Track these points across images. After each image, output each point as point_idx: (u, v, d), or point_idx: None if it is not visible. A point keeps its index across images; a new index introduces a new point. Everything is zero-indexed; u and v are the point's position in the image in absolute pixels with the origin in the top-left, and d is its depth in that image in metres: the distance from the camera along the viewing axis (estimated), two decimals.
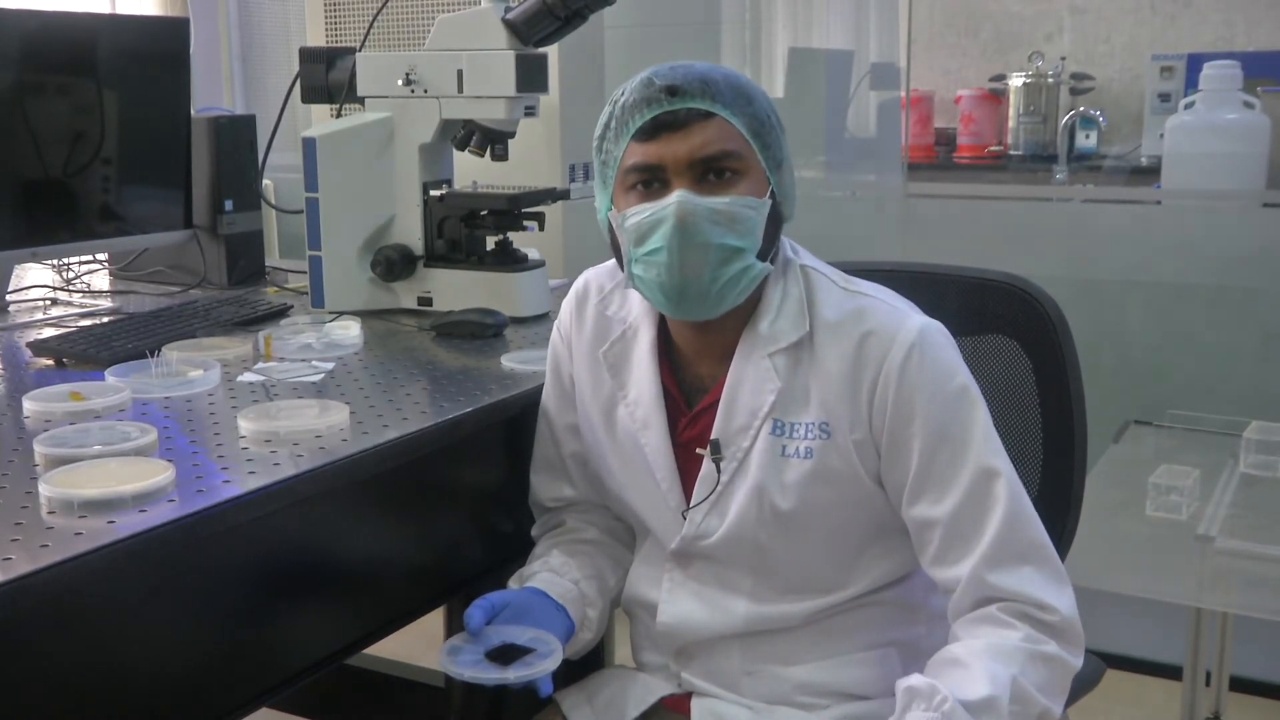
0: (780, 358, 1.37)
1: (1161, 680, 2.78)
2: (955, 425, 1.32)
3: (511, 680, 1.30)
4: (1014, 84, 4.29)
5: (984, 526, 1.30)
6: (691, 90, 1.32)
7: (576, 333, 1.53)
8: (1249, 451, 2.11)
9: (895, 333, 1.33)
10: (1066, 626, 1.29)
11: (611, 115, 1.37)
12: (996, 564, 1.29)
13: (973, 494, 1.31)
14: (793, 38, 3.41)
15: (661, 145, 1.32)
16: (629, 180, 1.35)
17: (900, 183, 3.24)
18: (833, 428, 1.35)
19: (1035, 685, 1.24)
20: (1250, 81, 3.28)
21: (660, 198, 1.33)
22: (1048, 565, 1.31)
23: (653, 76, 1.34)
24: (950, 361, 1.35)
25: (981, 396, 1.35)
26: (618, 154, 1.36)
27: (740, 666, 1.43)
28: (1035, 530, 1.32)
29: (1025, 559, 1.30)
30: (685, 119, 1.31)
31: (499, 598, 1.41)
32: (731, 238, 1.32)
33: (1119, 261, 3.02)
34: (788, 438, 1.36)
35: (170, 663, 1.23)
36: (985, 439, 1.33)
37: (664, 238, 1.31)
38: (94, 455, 1.32)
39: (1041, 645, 1.27)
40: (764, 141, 1.35)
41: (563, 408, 1.56)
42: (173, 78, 2.35)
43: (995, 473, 1.31)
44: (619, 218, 1.36)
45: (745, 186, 1.33)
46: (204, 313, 2.02)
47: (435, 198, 2.09)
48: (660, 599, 1.46)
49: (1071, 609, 1.30)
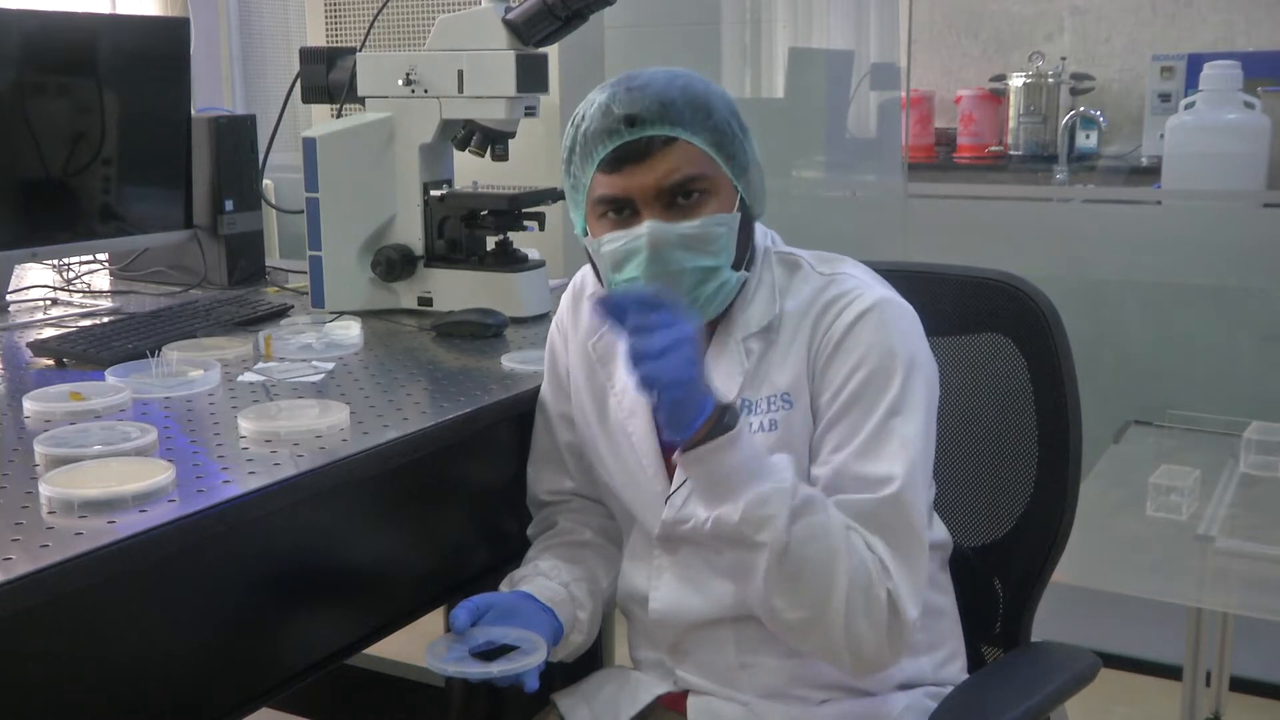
0: (752, 340, 1.40)
1: (1161, 680, 2.78)
2: (872, 392, 1.32)
3: (495, 675, 1.30)
4: (1014, 84, 4.30)
5: (855, 492, 1.29)
6: (650, 117, 1.32)
7: (572, 326, 1.56)
8: (1249, 451, 2.11)
9: (855, 297, 1.36)
10: (896, 597, 1.27)
11: (575, 140, 1.38)
12: (855, 520, 1.28)
13: (855, 456, 1.30)
14: (793, 38, 3.41)
15: (626, 177, 1.34)
16: (599, 210, 1.38)
17: (900, 183, 3.24)
18: (794, 395, 1.37)
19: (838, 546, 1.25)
20: (1250, 81, 3.28)
21: (631, 225, 1.35)
22: (909, 557, 1.29)
23: (611, 103, 1.34)
24: (899, 336, 1.35)
25: (927, 378, 1.35)
26: (585, 181, 1.38)
27: (735, 659, 1.43)
28: (913, 520, 1.30)
29: (886, 534, 1.28)
30: (647, 148, 1.33)
31: (484, 599, 1.41)
32: (705, 259, 1.34)
33: (1119, 261, 3.02)
34: (751, 415, 1.38)
35: (170, 663, 1.23)
36: (891, 414, 1.31)
37: (638, 268, 1.34)
38: (94, 455, 1.32)
39: (876, 579, 1.26)
40: (728, 153, 1.36)
41: (559, 399, 1.57)
42: (173, 78, 2.35)
43: (885, 452, 1.30)
44: (594, 244, 1.39)
45: (714, 204, 1.35)
46: (204, 313, 2.02)
47: (435, 198, 2.09)
48: (650, 588, 1.47)
49: (910, 598, 1.27)
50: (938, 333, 1.48)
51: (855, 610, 1.26)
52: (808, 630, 1.30)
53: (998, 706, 1.31)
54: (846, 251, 1.47)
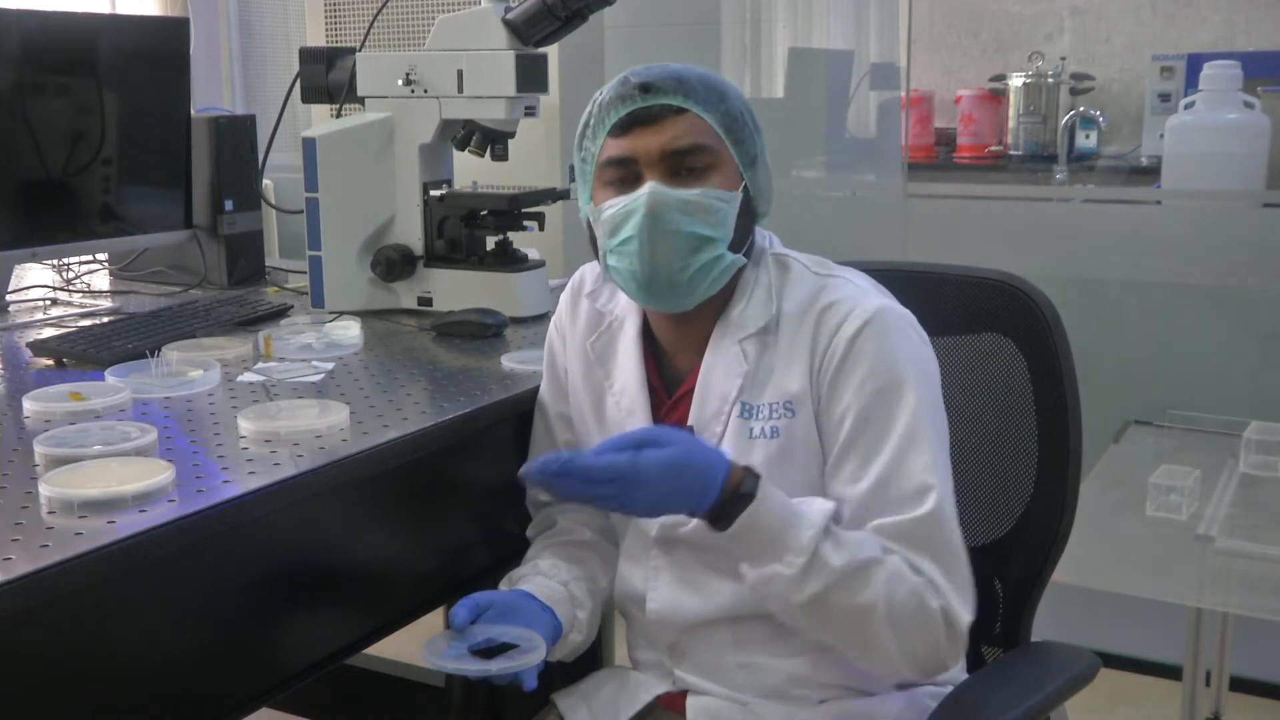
0: (749, 343, 1.40)
1: (1161, 680, 2.78)
2: (884, 409, 1.33)
3: (494, 672, 1.30)
4: (1014, 84, 4.30)
5: (891, 514, 1.30)
6: (665, 87, 1.37)
7: (570, 325, 1.56)
8: (1249, 451, 2.11)
9: (853, 307, 1.36)
10: (950, 613, 1.28)
11: (590, 114, 1.42)
12: (895, 539, 1.30)
13: (884, 482, 1.31)
14: (793, 38, 3.41)
15: (634, 139, 1.37)
16: (605, 175, 1.40)
17: (900, 183, 3.24)
18: (797, 405, 1.37)
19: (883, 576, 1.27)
20: (1250, 81, 3.28)
21: (633, 190, 1.37)
22: (956, 572, 1.31)
23: (629, 75, 1.39)
24: (900, 346, 1.36)
25: (931, 386, 1.36)
26: (595, 150, 1.41)
27: (734, 659, 1.43)
28: (950, 535, 1.31)
29: (932, 552, 1.30)
30: (658, 114, 1.36)
31: (484, 597, 1.41)
32: (702, 227, 1.36)
33: (1119, 261, 3.01)
34: (754, 419, 1.39)
35: (170, 663, 1.23)
36: (911, 430, 1.32)
37: (635, 227, 1.36)
38: (94, 455, 1.32)
39: (927, 597, 1.28)
40: (736, 138, 1.39)
41: (557, 398, 1.58)
42: (173, 78, 2.35)
43: (912, 468, 1.31)
44: (595, 211, 1.41)
45: (717, 180, 1.37)
46: (204, 313, 2.02)
47: (435, 198, 2.09)
48: (647, 589, 1.47)
49: (964, 608, 1.30)
50: (938, 333, 1.48)
51: (909, 633, 1.28)
52: (862, 655, 1.34)
53: (997, 707, 1.30)
54: (846, 251, 1.48)
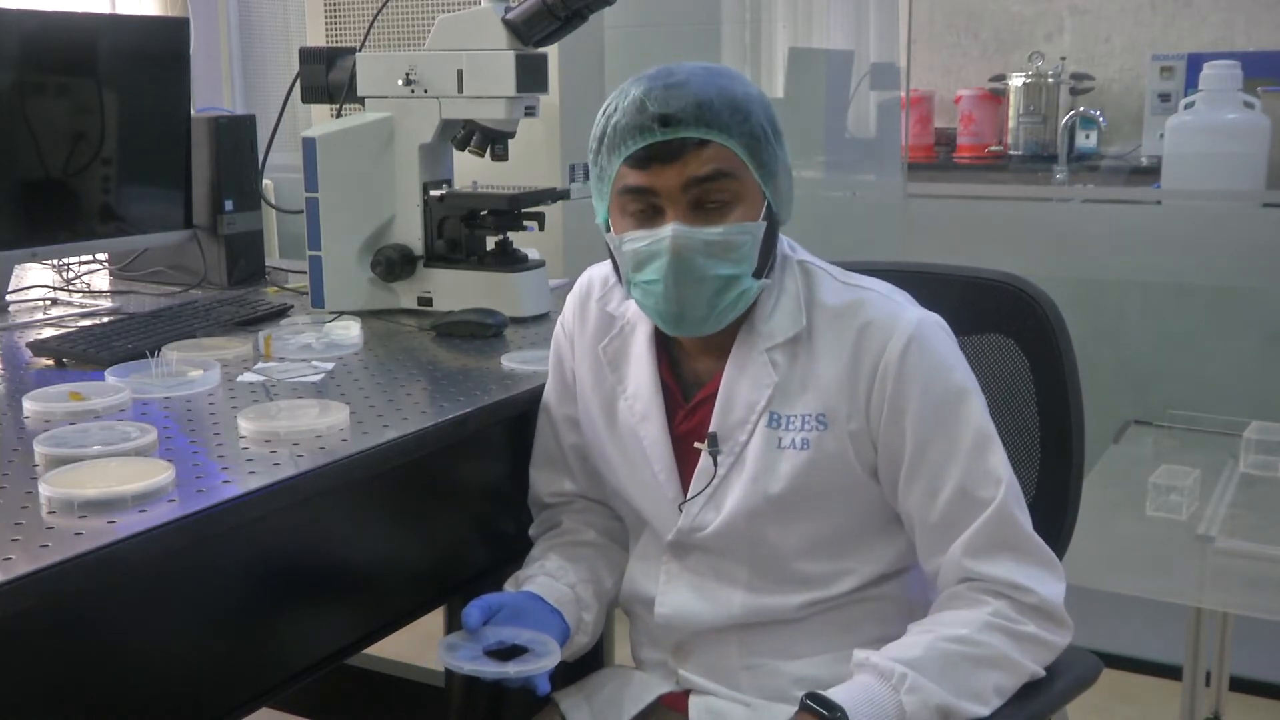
0: (778, 352, 1.38)
1: (1161, 680, 2.78)
2: (949, 421, 1.33)
3: (511, 675, 1.30)
4: (1014, 84, 4.30)
5: (970, 519, 1.32)
6: (685, 119, 1.29)
7: (579, 328, 1.55)
8: (1249, 451, 2.11)
9: (894, 325, 1.35)
10: (1044, 606, 1.30)
11: (604, 131, 1.35)
12: (976, 551, 1.32)
13: (963, 489, 1.32)
14: (793, 38, 3.41)
15: (654, 174, 1.32)
16: (623, 203, 1.36)
17: (900, 183, 3.24)
18: (830, 419, 1.36)
19: (993, 654, 1.28)
20: (1250, 81, 3.28)
21: (655, 225, 1.33)
22: (1033, 555, 1.33)
23: (645, 99, 1.31)
24: (946, 356, 1.36)
25: (978, 389, 1.37)
26: (611, 172, 1.35)
27: (739, 661, 1.43)
28: (1022, 523, 1.34)
29: (1007, 546, 1.32)
30: (680, 149, 1.30)
31: (496, 599, 1.41)
32: (726, 267, 1.33)
33: (1119, 261, 3.01)
34: (783, 430, 1.37)
35: (170, 663, 1.23)
36: (979, 434, 1.34)
37: (659, 271, 1.33)
38: (94, 455, 1.32)
39: (1017, 625, 1.29)
40: (760, 160, 1.34)
41: (564, 401, 1.57)
42: (173, 78, 2.35)
43: (987, 469, 1.33)
44: (616, 240, 1.37)
45: (740, 211, 1.33)
46: (204, 313, 2.02)
47: (435, 198, 2.09)
48: (657, 592, 1.47)
49: (1053, 592, 1.32)
50: None
51: (1033, 659, 1.30)
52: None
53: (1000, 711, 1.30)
54: (846, 251, 1.47)
